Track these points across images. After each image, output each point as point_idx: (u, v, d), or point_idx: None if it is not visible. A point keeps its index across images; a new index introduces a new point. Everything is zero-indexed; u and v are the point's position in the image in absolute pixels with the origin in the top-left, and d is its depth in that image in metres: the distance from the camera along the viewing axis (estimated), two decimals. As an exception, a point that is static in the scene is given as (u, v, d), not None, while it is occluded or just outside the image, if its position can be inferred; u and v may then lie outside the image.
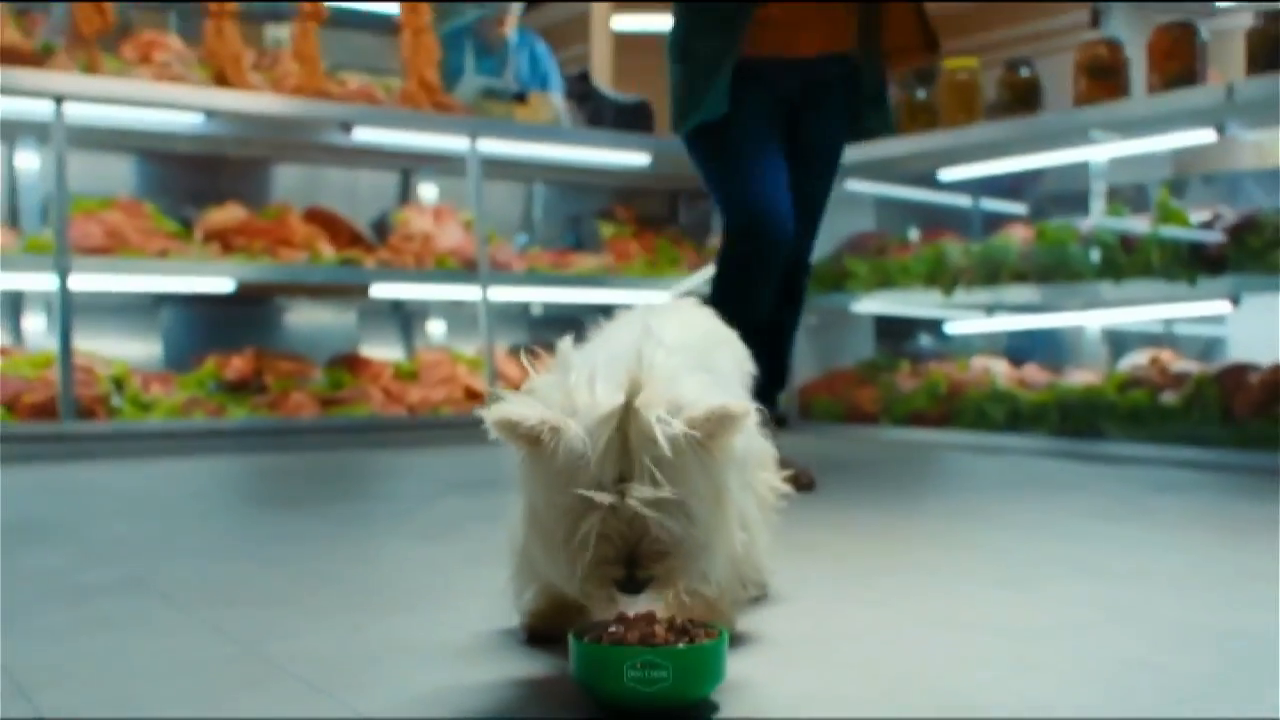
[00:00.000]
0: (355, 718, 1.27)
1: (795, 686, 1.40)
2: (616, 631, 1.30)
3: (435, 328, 6.03)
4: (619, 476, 1.25)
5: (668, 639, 1.28)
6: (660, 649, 1.26)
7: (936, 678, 1.45)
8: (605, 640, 1.29)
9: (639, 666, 1.25)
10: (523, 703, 1.34)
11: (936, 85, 5.40)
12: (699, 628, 1.32)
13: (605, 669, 1.26)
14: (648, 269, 5.91)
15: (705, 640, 1.29)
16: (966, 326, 5.86)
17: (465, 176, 5.44)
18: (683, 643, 1.28)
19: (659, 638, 1.28)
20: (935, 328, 6.15)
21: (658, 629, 1.30)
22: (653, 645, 1.27)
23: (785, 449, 2.81)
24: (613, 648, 1.27)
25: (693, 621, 1.34)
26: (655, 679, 1.25)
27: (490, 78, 6.39)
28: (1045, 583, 2.08)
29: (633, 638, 1.28)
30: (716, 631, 1.32)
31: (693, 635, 1.30)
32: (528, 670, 1.46)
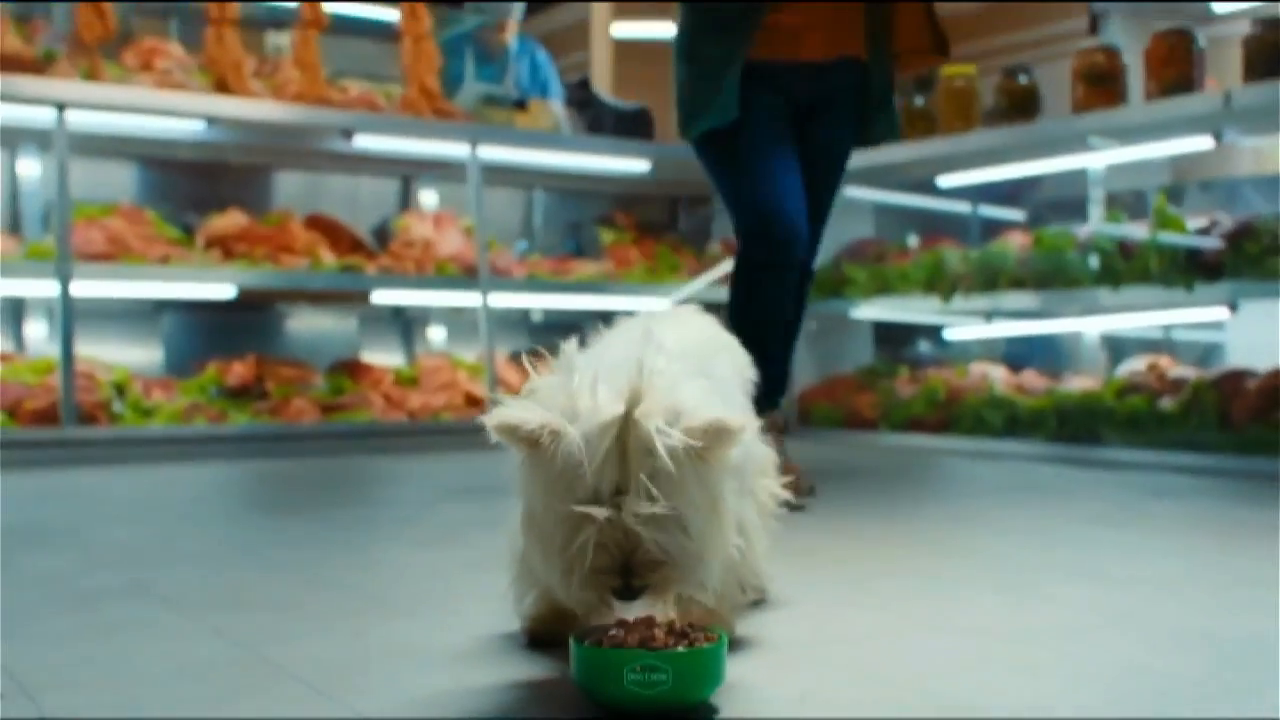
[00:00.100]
0: (358, 718, 1.29)
1: (794, 689, 1.42)
2: (617, 635, 1.31)
3: (436, 334, 6.04)
4: (616, 488, 1.27)
5: (667, 642, 1.30)
6: (660, 652, 1.27)
7: (935, 681, 1.46)
8: (606, 644, 1.30)
9: (639, 670, 1.26)
10: (524, 705, 1.36)
11: (935, 92, 5.42)
12: (698, 631, 1.33)
13: (606, 672, 1.28)
14: (648, 275, 5.93)
15: (704, 644, 1.30)
16: (965, 333, 5.88)
17: (466, 183, 5.46)
18: (682, 646, 1.29)
19: (659, 641, 1.30)
20: (934, 334, 6.17)
21: (657, 633, 1.31)
22: (652, 649, 1.28)
23: (786, 455, 2.83)
24: (613, 651, 1.28)
25: (692, 625, 1.35)
26: (655, 682, 1.26)
27: (490, 84, 6.41)
28: (1043, 588, 2.09)
29: (633, 641, 1.30)
30: (715, 635, 1.33)
31: (692, 639, 1.31)
32: (528, 673, 1.48)
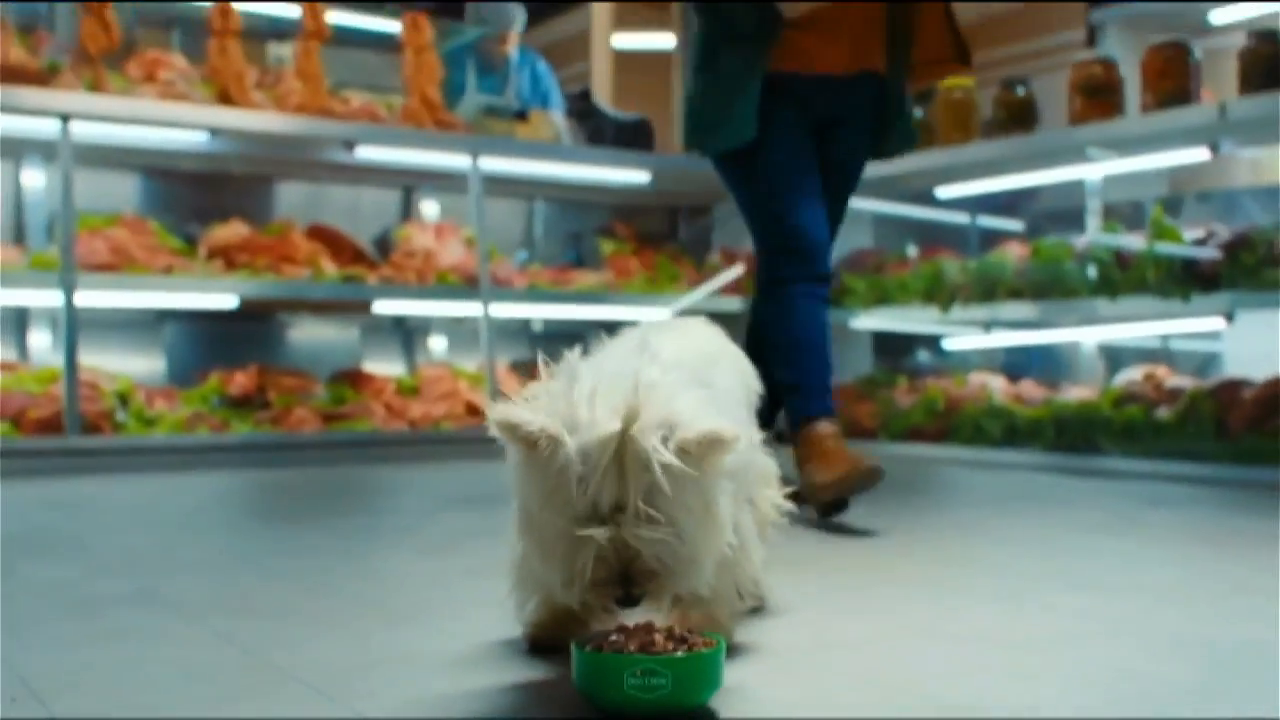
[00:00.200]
0: (362, 718, 1.31)
1: (791, 694, 1.44)
2: (617, 640, 1.34)
3: (437, 343, 6.06)
4: (616, 505, 1.31)
5: (667, 647, 1.32)
6: (659, 657, 1.30)
7: (931, 685, 1.48)
8: (606, 649, 1.33)
9: (639, 674, 1.29)
10: (525, 707, 1.38)
11: (934, 103, 5.45)
12: (697, 637, 1.36)
13: (606, 677, 1.30)
14: (648, 285, 5.95)
15: (703, 649, 1.33)
16: (964, 343, 5.90)
17: (467, 194, 5.49)
18: (681, 651, 1.32)
19: (658, 646, 1.32)
20: (933, 344, 6.19)
21: (657, 638, 1.34)
22: (652, 654, 1.30)
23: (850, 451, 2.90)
24: (613, 656, 1.31)
25: (691, 631, 1.38)
26: (655, 686, 1.29)
27: (492, 95, 6.44)
28: (1040, 595, 2.12)
29: (633, 647, 1.32)
30: (714, 640, 1.36)
31: (691, 644, 1.34)
32: (529, 677, 1.50)
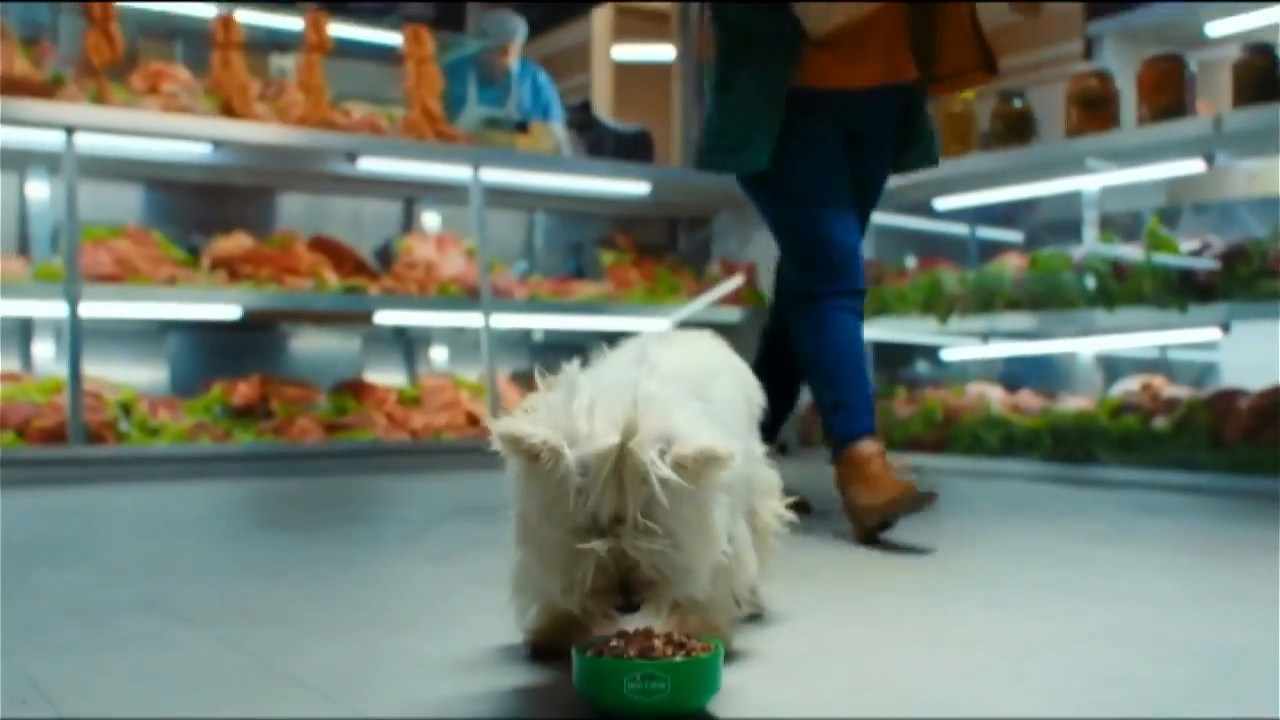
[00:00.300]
0: (368, 718, 1.34)
1: (787, 697, 1.47)
2: (617, 646, 1.37)
3: (438, 354, 6.09)
4: (615, 516, 1.34)
5: (666, 652, 1.36)
6: (658, 662, 1.33)
7: (926, 690, 1.51)
8: (606, 654, 1.36)
9: (638, 679, 1.32)
10: (527, 710, 1.41)
11: (933, 116, 5.48)
12: (695, 642, 1.39)
13: (606, 681, 1.33)
14: (647, 296, 5.98)
15: (701, 654, 1.36)
16: (962, 353, 5.93)
17: (468, 205, 5.52)
18: (680, 656, 1.35)
19: (657, 651, 1.36)
20: (932, 354, 6.22)
21: (656, 643, 1.37)
22: (651, 659, 1.34)
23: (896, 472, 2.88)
24: (613, 661, 1.34)
25: (689, 636, 1.41)
26: (654, 690, 1.32)
27: (493, 107, 6.49)
28: (1034, 603, 2.15)
29: (632, 652, 1.36)
30: (712, 645, 1.39)
31: (689, 649, 1.37)
32: (531, 681, 1.53)
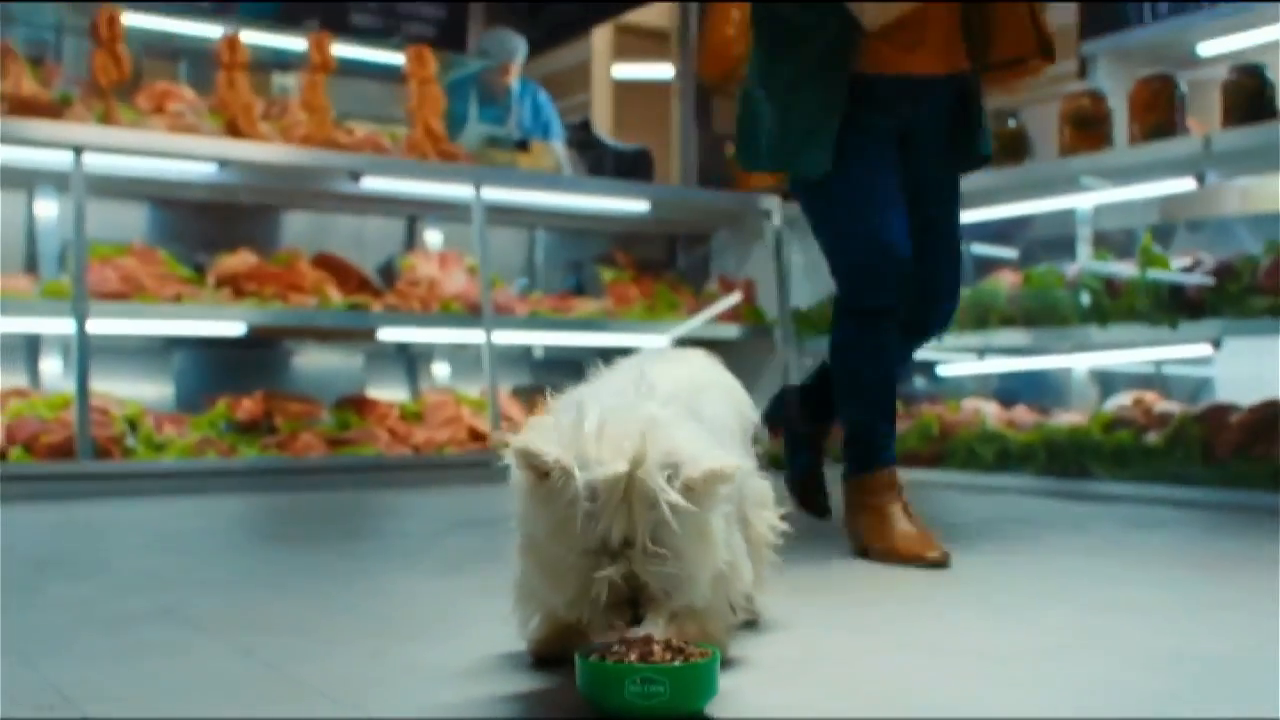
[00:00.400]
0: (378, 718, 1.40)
1: (782, 700, 1.53)
2: (618, 651, 1.44)
3: (440, 370, 6.15)
4: (624, 540, 1.41)
5: (665, 658, 1.42)
6: (658, 666, 1.39)
7: (916, 693, 1.58)
8: (608, 659, 1.42)
9: (639, 682, 1.38)
10: (531, 713, 1.47)
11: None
12: (693, 648, 1.46)
13: (608, 685, 1.40)
14: (646, 313, 6.04)
15: (699, 659, 1.42)
16: (958, 369, 6.00)
17: (470, 223, 5.58)
18: (678, 661, 1.42)
19: (657, 656, 1.42)
20: (928, 370, 6.29)
21: (656, 649, 1.43)
22: (651, 663, 1.40)
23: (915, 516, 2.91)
24: (615, 665, 1.40)
25: (687, 643, 1.47)
26: (653, 694, 1.38)
27: (493, 125, 6.56)
28: (1028, 612, 2.21)
29: (633, 657, 1.42)
30: (709, 651, 1.45)
31: (687, 654, 1.43)
32: (534, 687, 1.59)
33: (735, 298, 6.20)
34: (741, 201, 6.36)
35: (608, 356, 1.86)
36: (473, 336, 5.53)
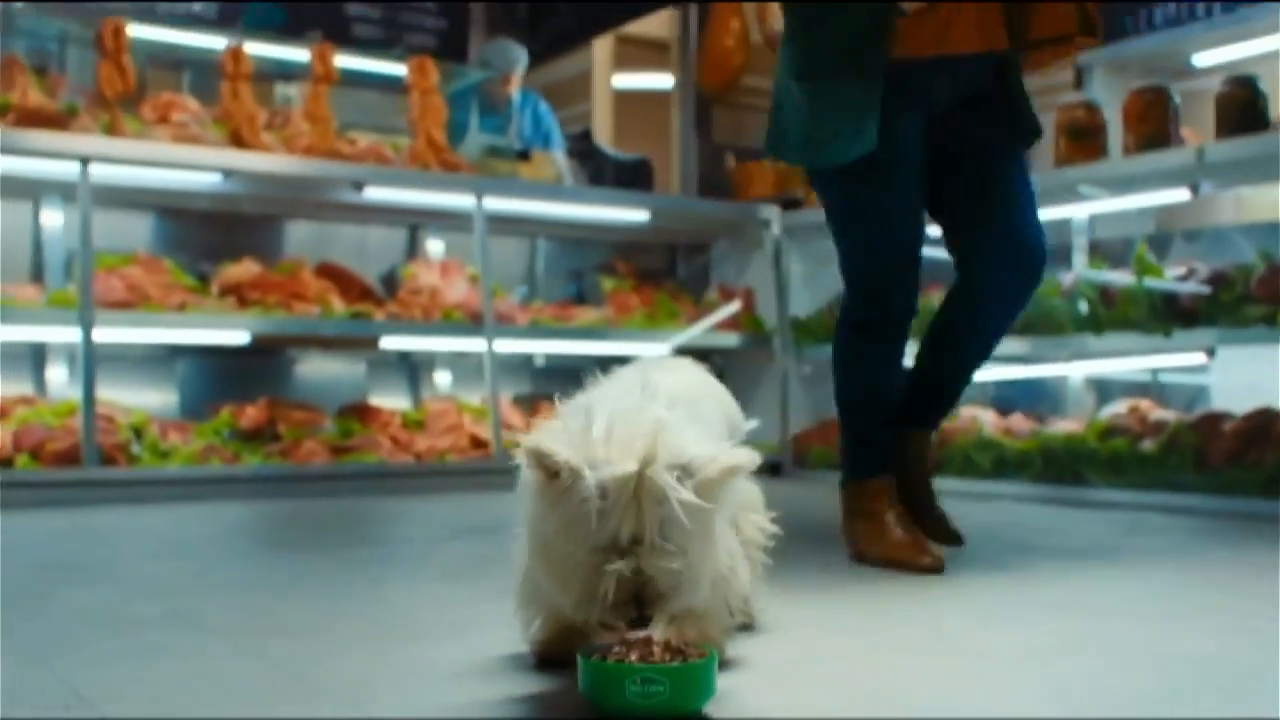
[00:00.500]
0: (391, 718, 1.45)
1: (778, 700, 1.58)
2: (620, 652, 1.48)
3: (442, 378, 6.19)
4: (633, 537, 1.46)
5: (664, 658, 1.47)
6: (658, 666, 1.44)
7: (909, 694, 1.62)
8: (610, 659, 1.47)
9: (639, 682, 1.43)
10: (535, 713, 1.52)
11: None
12: (692, 649, 1.50)
13: (609, 684, 1.44)
14: (647, 322, 6.09)
15: (697, 659, 1.47)
16: (956, 377, 6.03)
17: (471, 232, 5.63)
18: (677, 661, 1.46)
19: (657, 657, 1.47)
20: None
21: (656, 649, 1.48)
22: (651, 663, 1.45)
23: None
24: (616, 665, 1.45)
25: (686, 644, 1.52)
26: (653, 693, 1.43)
27: (494, 135, 6.62)
28: (1017, 616, 2.26)
29: (634, 657, 1.47)
30: (707, 652, 1.50)
31: (686, 655, 1.48)
32: (538, 687, 1.64)
33: (735, 306, 6.25)
34: (741, 211, 6.42)
35: (608, 365, 1.91)
36: (474, 345, 5.58)
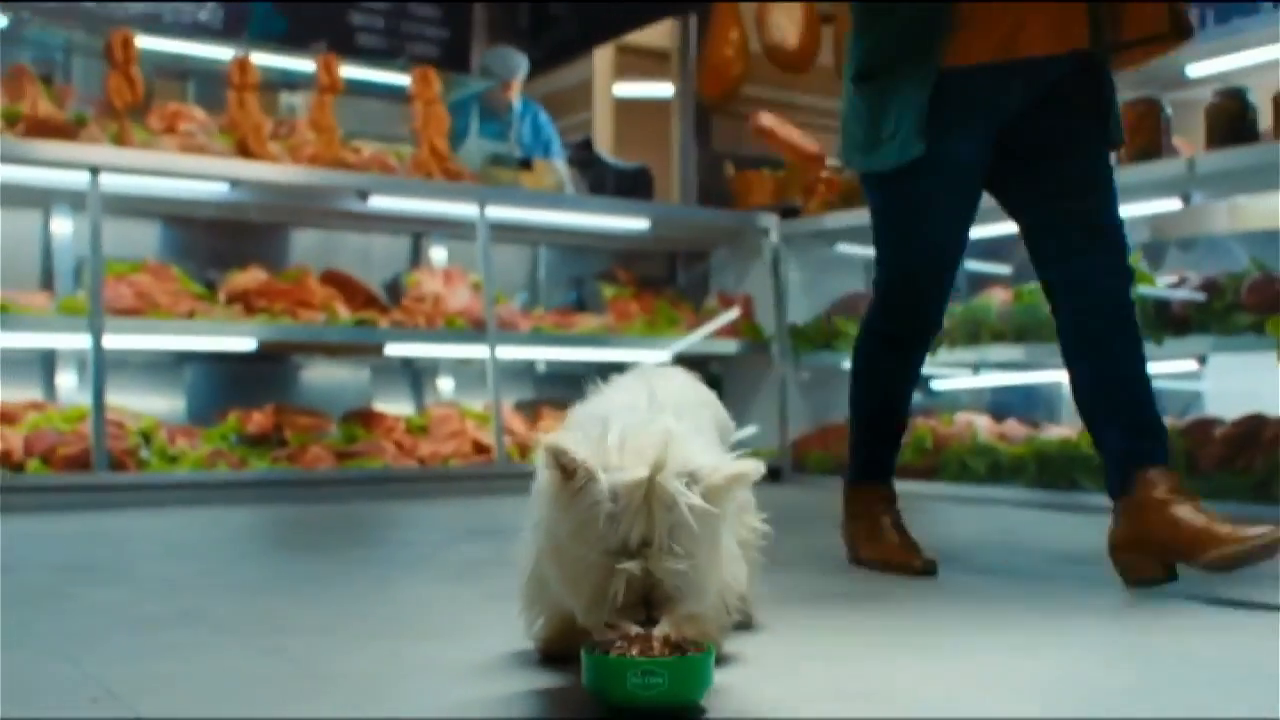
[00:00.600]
0: (401, 717, 1.52)
1: (773, 694, 1.66)
2: (621, 646, 1.56)
3: (445, 384, 6.26)
4: (643, 541, 1.53)
5: (664, 652, 1.54)
6: (657, 659, 1.52)
7: (900, 690, 1.70)
8: (612, 653, 1.54)
9: (639, 674, 1.50)
10: (541, 707, 1.59)
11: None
12: (690, 644, 1.58)
13: (611, 677, 1.52)
14: (647, 329, 6.15)
15: (695, 653, 1.55)
16: (952, 383, 6.12)
17: (474, 240, 5.70)
18: (676, 655, 1.54)
19: (656, 651, 1.54)
20: (923, 384, 6.40)
21: (655, 644, 1.56)
22: (651, 657, 1.52)
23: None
24: (617, 659, 1.53)
25: (685, 639, 1.60)
26: (653, 685, 1.50)
27: (493, 140, 6.69)
28: (1006, 614, 2.34)
29: (634, 651, 1.54)
30: (705, 647, 1.58)
31: (685, 649, 1.56)
32: (543, 683, 1.71)
33: (734, 314, 6.32)
34: (740, 220, 6.50)
35: (609, 372, 1.98)
36: (477, 351, 5.64)
